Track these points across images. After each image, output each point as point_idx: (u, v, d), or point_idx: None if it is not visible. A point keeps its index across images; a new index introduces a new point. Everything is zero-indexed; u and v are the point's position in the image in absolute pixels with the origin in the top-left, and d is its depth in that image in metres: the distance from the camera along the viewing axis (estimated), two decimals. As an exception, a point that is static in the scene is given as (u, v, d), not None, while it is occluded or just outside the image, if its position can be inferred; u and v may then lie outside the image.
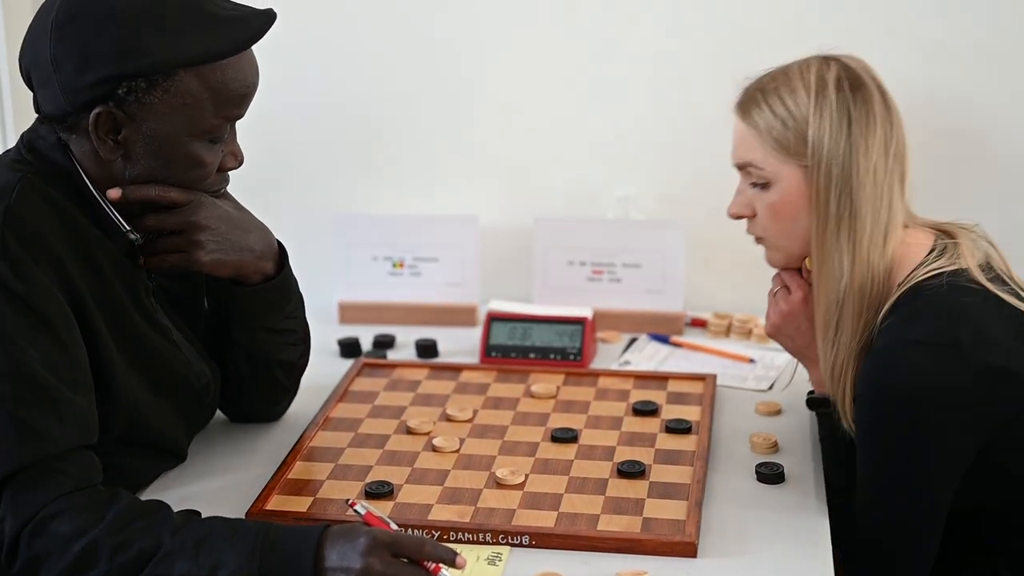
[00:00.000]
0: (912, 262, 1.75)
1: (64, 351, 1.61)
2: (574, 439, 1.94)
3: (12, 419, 1.55)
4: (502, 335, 2.28)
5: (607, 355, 2.32)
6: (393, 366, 2.21)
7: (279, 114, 2.51)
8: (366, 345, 2.36)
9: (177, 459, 1.88)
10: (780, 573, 1.64)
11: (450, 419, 2.01)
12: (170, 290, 1.87)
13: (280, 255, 1.90)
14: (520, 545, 1.69)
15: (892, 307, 1.72)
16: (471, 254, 2.47)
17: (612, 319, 2.42)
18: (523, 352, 2.26)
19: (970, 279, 1.72)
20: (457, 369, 2.20)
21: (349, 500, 1.64)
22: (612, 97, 2.51)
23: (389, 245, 2.49)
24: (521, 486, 1.81)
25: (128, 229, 1.73)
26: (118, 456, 1.72)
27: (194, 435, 1.93)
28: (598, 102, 2.51)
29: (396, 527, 1.58)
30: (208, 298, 1.95)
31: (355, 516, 1.61)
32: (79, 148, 1.69)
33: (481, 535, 1.69)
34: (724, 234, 1.91)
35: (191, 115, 1.66)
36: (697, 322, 2.44)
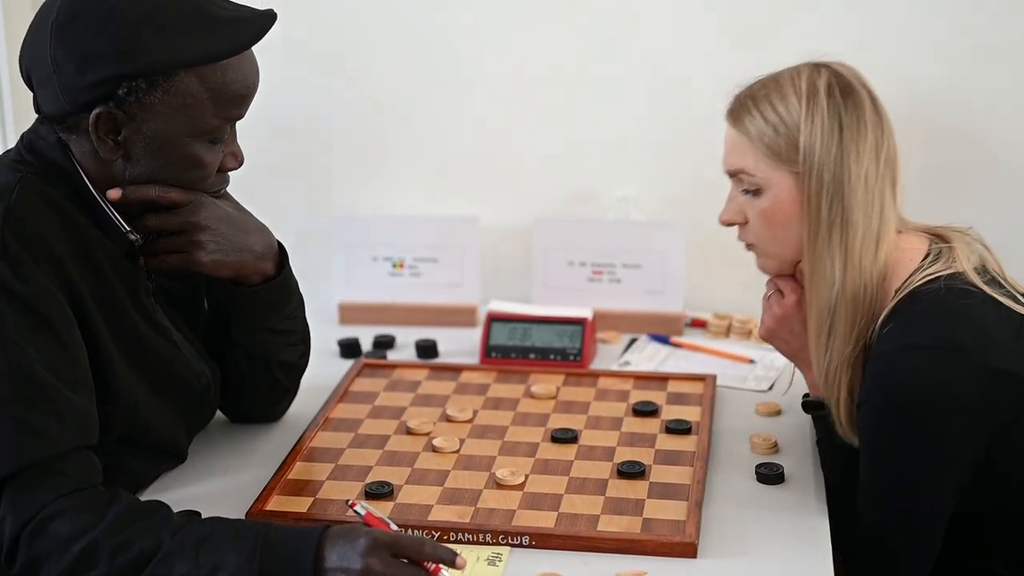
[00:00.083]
0: (908, 267, 1.75)
1: (64, 351, 1.61)
2: (574, 440, 1.94)
3: (12, 419, 1.55)
4: (502, 335, 2.28)
5: (607, 356, 2.32)
6: (393, 367, 2.21)
7: (279, 115, 2.51)
8: (366, 346, 2.36)
9: (177, 459, 1.88)
10: (780, 573, 1.64)
11: (450, 419, 2.01)
12: (170, 290, 1.87)
13: (280, 255, 1.90)
14: (520, 546, 1.69)
15: (890, 313, 1.71)
16: (471, 254, 2.47)
17: (612, 320, 2.42)
18: (523, 353, 2.26)
19: (967, 282, 1.72)
20: (457, 370, 2.20)
21: (349, 501, 1.64)
22: (612, 97, 2.50)
23: (389, 245, 2.49)
24: (521, 486, 1.81)
25: (128, 229, 1.73)
26: (118, 456, 1.72)
27: (194, 435, 1.93)
28: (598, 102, 2.51)
29: (396, 528, 1.58)
30: (208, 298, 1.95)
31: (355, 517, 1.61)
32: (79, 148, 1.69)
33: (481, 536, 1.69)
34: (724, 235, 1.90)
35: (191, 115, 1.66)
36: (697, 323, 2.44)
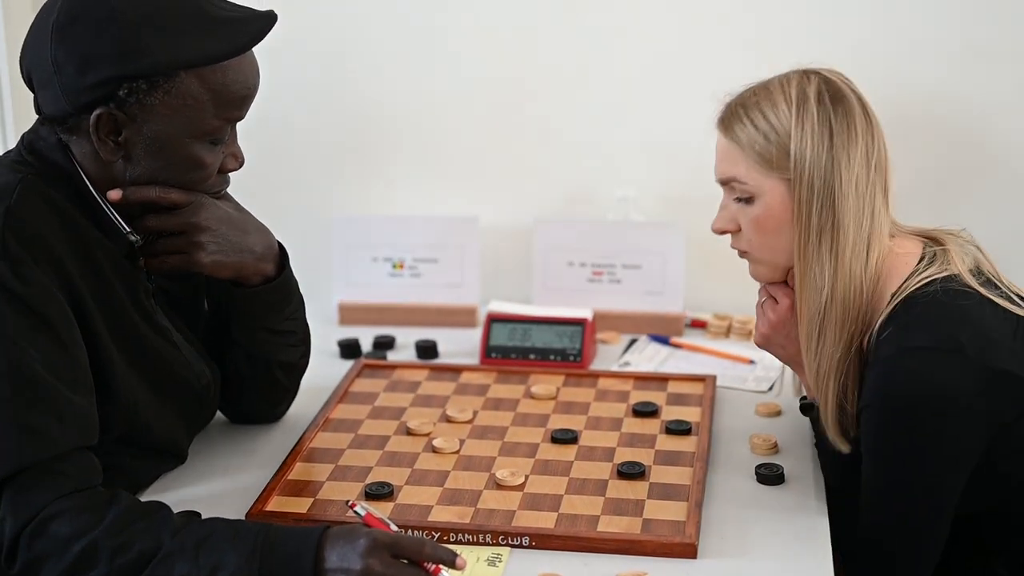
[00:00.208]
0: (903, 272, 1.75)
1: (64, 351, 1.61)
2: (574, 440, 1.94)
3: (12, 420, 1.55)
4: (502, 336, 2.28)
5: (607, 356, 2.32)
6: (393, 367, 2.21)
7: (280, 115, 2.51)
8: (366, 346, 2.36)
9: (177, 460, 1.88)
10: (780, 574, 1.64)
11: (450, 420, 2.01)
12: (170, 291, 1.87)
13: (280, 256, 1.90)
14: (520, 546, 1.69)
15: (888, 318, 1.71)
16: (471, 255, 2.47)
17: (612, 320, 2.42)
18: (523, 353, 2.26)
19: (963, 284, 1.72)
20: (457, 370, 2.20)
21: (349, 501, 1.64)
22: (612, 97, 2.51)
23: (389, 246, 2.49)
24: (521, 487, 1.81)
25: (128, 230, 1.73)
26: (118, 457, 1.72)
27: (194, 436, 1.93)
28: (598, 102, 2.51)
29: (396, 528, 1.58)
30: (208, 299, 1.95)
31: (355, 517, 1.61)
32: (80, 149, 1.69)
33: (481, 536, 1.69)
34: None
35: (192, 116, 1.66)
36: (697, 323, 2.44)
